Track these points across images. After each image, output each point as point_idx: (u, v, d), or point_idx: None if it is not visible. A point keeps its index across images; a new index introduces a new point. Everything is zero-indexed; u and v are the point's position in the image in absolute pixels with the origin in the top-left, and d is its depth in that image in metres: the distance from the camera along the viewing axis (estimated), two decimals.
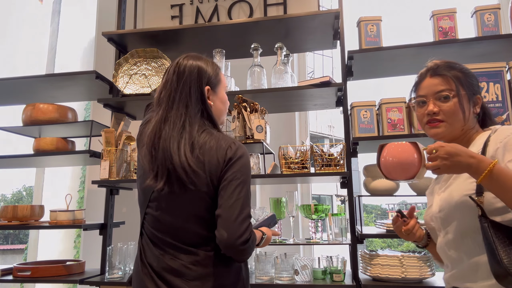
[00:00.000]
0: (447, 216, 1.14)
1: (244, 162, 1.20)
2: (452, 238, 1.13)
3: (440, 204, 1.16)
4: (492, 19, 1.96)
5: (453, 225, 1.13)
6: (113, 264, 2.05)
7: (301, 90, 2.07)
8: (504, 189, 0.95)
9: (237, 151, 1.19)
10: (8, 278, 2.17)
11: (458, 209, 1.10)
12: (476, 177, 0.97)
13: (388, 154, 1.11)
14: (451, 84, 1.18)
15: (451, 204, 1.12)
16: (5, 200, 5.85)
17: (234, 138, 1.29)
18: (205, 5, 2.44)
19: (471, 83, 1.21)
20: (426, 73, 1.25)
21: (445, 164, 0.98)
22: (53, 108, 2.37)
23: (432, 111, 1.17)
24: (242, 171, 1.18)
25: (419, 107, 1.23)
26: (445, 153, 0.98)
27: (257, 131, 1.98)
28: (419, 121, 1.25)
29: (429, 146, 1.02)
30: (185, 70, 1.25)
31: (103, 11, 3.32)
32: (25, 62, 4.58)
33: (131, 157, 2.20)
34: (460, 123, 1.16)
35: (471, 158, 0.97)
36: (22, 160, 2.45)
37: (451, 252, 1.14)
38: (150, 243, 1.22)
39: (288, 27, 2.26)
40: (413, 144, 1.08)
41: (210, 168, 1.16)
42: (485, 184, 0.97)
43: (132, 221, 2.80)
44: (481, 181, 0.97)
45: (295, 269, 1.93)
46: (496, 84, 1.79)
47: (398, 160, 1.09)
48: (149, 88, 2.27)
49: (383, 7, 12.06)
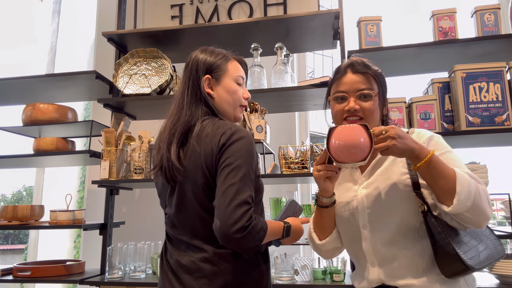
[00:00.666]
0: (380, 213, 1.13)
1: (240, 145, 1.13)
2: (386, 234, 1.12)
3: (370, 200, 1.15)
4: (492, 19, 1.96)
5: (389, 222, 1.12)
6: (113, 264, 2.05)
7: (301, 90, 2.07)
8: (439, 175, 1.01)
9: (232, 135, 1.14)
10: (8, 278, 2.17)
11: (397, 205, 1.11)
12: (416, 162, 1.02)
13: (337, 137, 1.07)
14: (372, 83, 1.20)
15: (389, 200, 1.12)
16: (5, 200, 5.85)
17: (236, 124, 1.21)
18: (205, 5, 2.44)
19: (385, 85, 1.25)
20: (346, 69, 1.24)
21: (395, 144, 1.00)
22: (53, 108, 2.37)
23: (353, 108, 1.17)
24: (237, 155, 1.11)
25: (337, 102, 1.22)
26: (395, 134, 1.01)
27: (257, 131, 1.98)
28: (334, 116, 1.24)
29: (377, 127, 1.04)
30: (188, 64, 1.28)
31: (103, 11, 3.32)
32: (25, 62, 4.58)
33: (131, 157, 2.20)
34: (375, 123, 1.20)
35: (414, 143, 1.03)
36: (22, 160, 2.45)
37: (383, 249, 1.12)
38: (167, 240, 1.27)
39: (288, 27, 2.26)
40: (362, 126, 1.06)
41: (205, 157, 1.14)
42: (422, 170, 1.02)
43: (132, 221, 2.80)
44: (420, 167, 1.02)
45: (295, 269, 1.93)
46: (496, 84, 1.79)
47: (347, 143, 1.05)
48: (149, 88, 2.26)
49: (383, 7, 12.03)
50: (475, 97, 1.80)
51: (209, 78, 1.26)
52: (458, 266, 1.01)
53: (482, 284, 1.74)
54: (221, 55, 1.30)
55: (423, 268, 1.09)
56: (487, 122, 1.78)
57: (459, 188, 0.99)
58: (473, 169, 1.76)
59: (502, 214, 2.48)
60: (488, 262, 1.07)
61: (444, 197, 1.02)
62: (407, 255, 1.10)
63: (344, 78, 1.22)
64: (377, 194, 1.14)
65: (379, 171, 1.18)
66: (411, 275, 1.09)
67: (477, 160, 1.81)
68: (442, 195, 1.02)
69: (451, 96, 1.90)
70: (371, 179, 1.18)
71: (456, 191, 0.99)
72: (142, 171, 2.15)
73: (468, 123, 1.79)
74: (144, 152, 2.19)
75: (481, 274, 1.92)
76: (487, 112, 1.78)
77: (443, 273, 1.05)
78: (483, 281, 1.79)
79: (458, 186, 0.99)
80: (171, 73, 2.28)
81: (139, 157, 2.17)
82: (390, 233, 1.12)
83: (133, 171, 2.16)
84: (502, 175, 2.45)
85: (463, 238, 1.06)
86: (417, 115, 1.90)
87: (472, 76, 1.81)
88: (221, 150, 1.13)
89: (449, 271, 1.04)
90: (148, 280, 2.01)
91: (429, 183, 1.05)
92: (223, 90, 1.28)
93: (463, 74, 1.82)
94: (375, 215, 1.14)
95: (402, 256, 1.10)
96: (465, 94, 1.80)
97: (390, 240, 1.12)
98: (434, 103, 1.90)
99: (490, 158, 1.95)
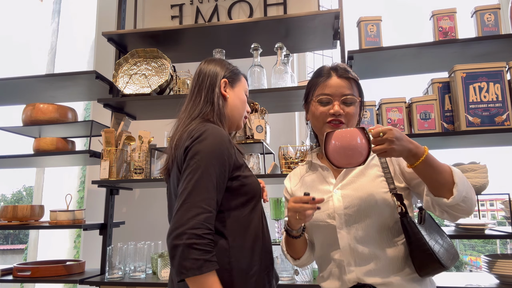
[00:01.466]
0: (357, 213, 1.15)
1: (200, 147, 1.07)
2: (363, 234, 1.14)
3: (347, 200, 1.16)
4: (492, 19, 1.96)
5: (366, 222, 1.14)
6: (113, 264, 2.05)
7: (301, 90, 2.07)
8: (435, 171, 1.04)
9: (198, 137, 1.09)
10: (8, 278, 2.17)
11: (375, 206, 1.14)
12: (413, 161, 1.04)
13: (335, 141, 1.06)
14: (354, 89, 1.24)
15: (366, 201, 1.14)
16: (5, 200, 5.85)
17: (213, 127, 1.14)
18: (205, 5, 2.44)
19: (362, 90, 1.29)
20: (331, 72, 1.25)
21: (393, 148, 1.01)
22: (53, 108, 2.37)
23: (338, 112, 1.19)
24: (196, 157, 1.05)
25: (321, 105, 1.22)
26: (393, 137, 1.01)
27: (257, 131, 1.98)
28: (317, 118, 1.24)
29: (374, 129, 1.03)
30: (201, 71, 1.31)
31: (103, 11, 3.32)
32: (25, 62, 4.58)
33: (131, 157, 2.20)
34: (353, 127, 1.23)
35: (410, 143, 1.04)
36: (22, 160, 2.45)
37: (360, 249, 1.14)
38: None
39: (288, 27, 2.26)
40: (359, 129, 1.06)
41: (179, 160, 1.13)
42: (419, 168, 1.04)
43: (132, 221, 2.80)
44: (417, 166, 1.03)
45: (295, 269, 1.93)
46: (496, 84, 1.79)
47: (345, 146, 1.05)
48: (149, 88, 2.26)
49: (383, 7, 11.98)
50: (475, 97, 1.80)
51: (226, 81, 1.30)
52: (434, 265, 1.06)
53: (482, 284, 1.75)
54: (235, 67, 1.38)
55: (399, 267, 1.12)
56: (487, 122, 1.78)
57: (457, 179, 1.04)
58: (473, 169, 1.76)
59: (502, 214, 2.48)
60: (454, 261, 1.13)
61: (442, 190, 1.05)
62: (383, 254, 1.13)
63: (329, 81, 1.23)
64: (353, 194, 1.17)
65: (354, 173, 1.21)
66: (388, 274, 1.12)
67: (477, 160, 1.81)
68: (441, 189, 1.05)
69: (451, 96, 1.90)
70: (346, 180, 1.21)
71: (455, 182, 1.03)
72: (142, 171, 2.15)
73: (468, 123, 1.79)
74: (144, 152, 2.19)
75: (481, 274, 1.93)
76: (487, 112, 1.78)
77: (419, 272, 1.09)
78: (483, 281, 1.79)
79: (456, 178, 1.04)
80: (171, 73, 2.28)
81: (139, 157, 2.17)
82: (367, 232, 1.14)
83: (133, 171, 2.16)
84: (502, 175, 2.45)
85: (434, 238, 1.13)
86: (417, 115, 1.90)
87: (472, 76, 1.81)
88: (185, 152, 1.10)
89: (424, 270, 1.09)
90: (148, 280, 2.01)
91: (426, 179, 1.07)
92: (235, 96, 1.32)
93: (463, 74, 1.82)
94: (352, 215, 1.15)
95: (379, 255, 1.13)
96: (465, 94, 1.80)
97: (367, 240, 1.14)
98: (434, 103, 1.90)
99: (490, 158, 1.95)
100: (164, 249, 2.46)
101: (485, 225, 1.80)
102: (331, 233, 1.18)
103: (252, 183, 1.21)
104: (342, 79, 1.23)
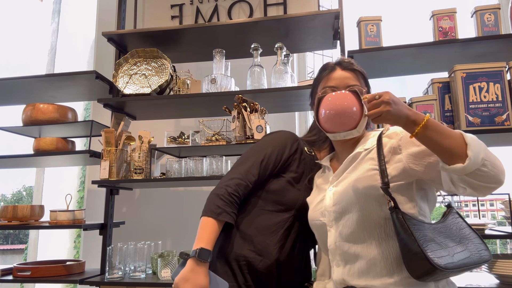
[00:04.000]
0: (344, 209, 1.10)
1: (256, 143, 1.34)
2: (348, 231, 1.09)
3: (336, 197, 1.13)
4: (492, 19, 1.96)
5: (351, 218, 1.08)
6: (113, 264, 2.05)
7: (301, 90, 2.07)
8: (442, 136, 0.94)
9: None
10: (8, 278, 2.17)
11: (360, 201, 1.07)
12: (413, 128, 0.96)
13: (326, 106, 1.04)
14: (360, 81, 1.21)
15: (351, 196, 1.08)
16: (5, 200, 5.84)
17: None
18: (205, 5, 2.44)
19: (369, 84, 1.26)
20: (335, 66, 1.25)
21: (388, 110, 0.95)
22: (53, 108, 2.37)
23: None
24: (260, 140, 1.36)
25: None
26: (389, 99, 0.96)
27: (257, 131, 1.98)
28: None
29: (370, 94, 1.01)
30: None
31: (103, 11, 3.32)
32: (25, 62, 4.58)
33: (131, 157, 2.20)
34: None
35: (409, 110, 0.97)
36: (22, 160, 2.45)
37: (346, 247, 1.09)
38: None
39: (288, 27, 2.26)
40: (352, 93, 1.03)
41: None
42: (421, 135, 0.96)
43: (132, 221, 2.80)
44: (418, 132, 0.95)
45: None
46: (496, 84, 1.79)
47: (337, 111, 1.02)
48: (149, 88, 2.26)
49: (383, 7, 12.04)
50: (475, 97, 1.80)
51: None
52: (424, 264, 0.92)
53: (482, 284, 1.74)
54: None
55: (388, 269, 1.03)
56: (487, 122, 1.78)
57: (469, 140, 0.93)
58: None
59: (502, 214, 2.48)
60: (466, 266, 0.97)
61: (453, 156, 0.93)
62: (370, 255, 1.05)
63: (333, 74, 1.22)
64: (342, 190, 1.12)
65: (349, 169, 1.15)
66: (372, 276, 1.04)
67: None
68: (451, 155, 0.93)
69: (451, 96, 1.90)
70: (341, 177, 1.17)
71: (467, 143, 0.92)
72: (142, 171, 2.15)
73: (468, 123, 1.79)
74: (144, 152, 2.19)
75: (481, 274, 1.93)
76: (487, 112, 1.78)
77: (411, 273, 0.97)
78: (483, 281, 1.79)
79: (467, 139, 0.93)
80: (171, 73, 2.28)
81: (139, 157, 2.17)
82: (352, 229, 1.08)
83: (133, 171, 2.16)
84: None
85: (435, 237, 0.99)
86: None
87: (472, 76, 1.81)
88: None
89: (415, 271, 0.96)
90: (148, 280, 2.01)
91: (434, 148, 0.96)
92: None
93: (463, 74, 1.82)
94: (339, 211, 1.11)
95: (365, 255, 1.06)
96: (465, 94, 1.80)
97: (352, 238, 1.08)
98: (434, 103, 1.90)
99: None
100: (164, 249, 2.46)
101: (485, 225, 1.80)
102: (324, 232, 1.17)
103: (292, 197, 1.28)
104: (346, 71, 1.21)
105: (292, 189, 1.28)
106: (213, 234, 1.17)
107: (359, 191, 1.07)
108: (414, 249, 0.94)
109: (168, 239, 2.80)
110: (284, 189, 1.27)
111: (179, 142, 2.31)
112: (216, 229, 1.17)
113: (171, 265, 2.03)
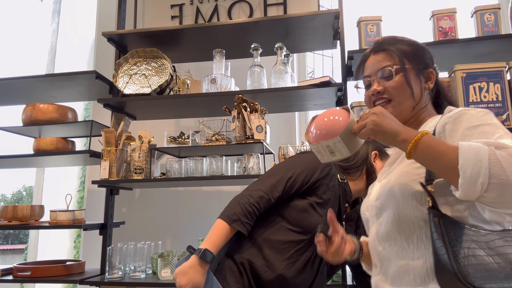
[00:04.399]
0: (382, 204, 0.98)
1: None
2: (384, 230, 0.96)
3: (379, 191, 1.01)
4: (492, 19, 1.96)
5: (387, 215, 0.96)
6: (113, 264, 2.05)
7: (301, 90, 2.07)
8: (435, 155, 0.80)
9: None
10: (8, 278, 2.17)
11: (396, 197, 0.93)
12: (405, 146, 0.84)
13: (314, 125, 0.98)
14: (394, 58, 1.04)
15: (388, 190, 0.96)
16: (5, 200, 5.85)
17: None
18: (205, 5, 2.44)
19: (420, 56, 1.07)
20: (370, 52, 1.11)
21: (373, 120, 0.86)
22: (53, 108, 2.37)
23: (376, 91, 1.03)
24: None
25: (366, 89, 1.09)
26: (378, 111, 0.88)
27: (257, 131, 1.98)
28: (366, 105, 1.10)
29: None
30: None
31: (103, 11, 3.32)
32: (25, 62, 4.58)
33: (131, 157, 2.20)
34: (409, 102, 1.01)
35: (401, 126, 0.87)
36: (22, 160, 2.45)
37: (381, 248, 0.98)
38: None
39: (288, 27, 2.26)
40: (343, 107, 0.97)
41: None
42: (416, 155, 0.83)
43: (132, 221, 2.80)
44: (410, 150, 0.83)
45: None
46: (496, 84, 1.79)
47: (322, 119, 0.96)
48: (149, 88, 2.26)
49: (383, 7, 12.00)
50: (475, 97, 1.80)
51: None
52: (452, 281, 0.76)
53: None
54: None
55: (423, 278, 0.88)
56: None
57: (462, 161, 0.75)
58: None
59: None
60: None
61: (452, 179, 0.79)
62: (403, 260, 0.92)
63: (366, 62, 1.10)
64: (385, 185, 0.99)
65: (398, 160, 1.01)
66: (404, 284, 0.91)
67: None
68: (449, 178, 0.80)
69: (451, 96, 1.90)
70: (391, 168, 1.03)
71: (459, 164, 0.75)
72: (142, 171, 2.15)
73: None
74: (144, 152, 2.19)
75: None
76: None
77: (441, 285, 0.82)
78: None
79: (460, 159, 0.75)
80: (171, 73, 2.28)
81: (139, 157, 2.17)
82: (387, 229, 0.96)
83: (133, 171, 2.16)
84: None
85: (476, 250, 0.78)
86: None
87: (472, 76, 1.81)
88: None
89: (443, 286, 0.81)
90: (148, 280, 2.01)
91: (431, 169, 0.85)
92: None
93: (463, 74, 1.82)
94: (379, 207, 1.00)
95: (398, 260, 0.93)
96: (465, 94, 1.80)
97: (387, 238, 0.96)
98: None
99: None
100: (164, 249, 2.46)
101: None
102: (369, 228, 1.07)
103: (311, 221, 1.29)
104: (377, 54, 1.07)
105: (314, 213, 1.29)
106: (223, 238, 1.22)
107: (397, 186, 0.94)
108: (443, 260, 0.78)
109: (168, 239, 2.80)
110: (305, 211, 1.28)
111: (179, 142, 2.31)
112: (227, 234, 1.22)
113: (171, 265, 2.02)
